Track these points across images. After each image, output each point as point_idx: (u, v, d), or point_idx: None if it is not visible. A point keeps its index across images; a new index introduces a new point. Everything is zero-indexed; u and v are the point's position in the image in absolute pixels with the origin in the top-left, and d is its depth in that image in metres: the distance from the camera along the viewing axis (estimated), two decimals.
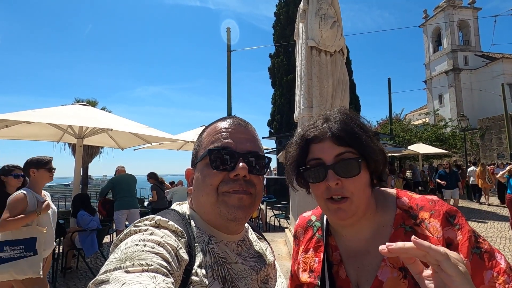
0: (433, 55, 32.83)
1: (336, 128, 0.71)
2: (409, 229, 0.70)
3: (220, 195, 0.67)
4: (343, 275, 0.75)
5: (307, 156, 0.75)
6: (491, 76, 27.21)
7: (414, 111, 37.02)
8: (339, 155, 0.70)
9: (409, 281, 0.65)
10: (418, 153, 14.20)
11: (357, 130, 0.72)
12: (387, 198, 0.78)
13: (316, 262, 0.80)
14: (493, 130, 22.23)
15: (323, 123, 0.74)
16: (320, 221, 0.86)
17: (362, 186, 0.71)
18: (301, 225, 0.92)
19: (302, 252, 0.86)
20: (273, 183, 13.00)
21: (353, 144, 0.70)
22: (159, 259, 0.51)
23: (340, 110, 0.78)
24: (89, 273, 4.73)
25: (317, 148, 0.73)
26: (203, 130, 0.79)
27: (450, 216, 0.68)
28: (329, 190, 0.70)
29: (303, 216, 0.95)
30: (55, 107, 5.32)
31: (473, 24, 30.72)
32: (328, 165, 0.70)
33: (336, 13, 4.76)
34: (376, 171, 0.74)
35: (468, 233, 0.65)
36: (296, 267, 0.87)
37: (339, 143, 0.70)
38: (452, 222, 0.67)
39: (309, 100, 4.67)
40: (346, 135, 0.70)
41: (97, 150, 14.89)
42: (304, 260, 0.84)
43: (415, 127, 21.60)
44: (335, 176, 0.69)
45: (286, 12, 16.65)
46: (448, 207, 0.70)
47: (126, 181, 5.97)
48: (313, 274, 0.79)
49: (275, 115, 16.83)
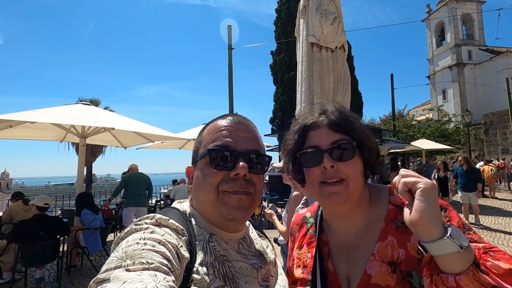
0: (437, 50, 32.55)
1: (333, 115, 0.75)
2: (400, 224, 0.70)
3: (220, 194, 0.68)
4: (331, 269, 0.76)
5: (304, 144, 0.77)
6: (496, 70, 26.94)
7: (417, 107, 36.78)
8: (335, 142, 0.72)
9: (397, 275, 0.66)
10: (422, 149, 14.13)
11: (352, 120, 0.76)
12: (380, 193, 0.79)
13: (308, 257, 0.81)
14: (497, 125, 22.02)
15: (321, 113, 0.78)
16: (315, 217, 0.88)
17: (357, 172, 0.72)
18: (296, 222, 0.94)
19: (297, 249, 0.87)
20: (275, 181, 13.01)
21: (348, 131, 0.73)
22: (160, 258, 0.51)
23: (335, 103, 0.82)
24: (93, 270, 4.78)
25: (313, 135, 0.76)
26: (204, 127, 0.79)
27: (440, 209, 0.67)
28: (324, 173, 0.71)
29: (298, 213, 0.97)
30: (58, 106, 5.35)
31: (477, 18, 30.38)
32: (324, 149, 0.72)
33: (337, 9, 4.73)
34: (369, 160, 0.76)
35: (458, 225, 0.66)
36: (291, 263, 0.88)
37: (335, 130, 0.73)
38: (442, 215, 0.66)
39: (310, 97, 4.65)
40: (342, 123, 0.74)
41: (101, 149, 14.95)
42: (298, 256, 0.85)
43: (418, 123, 21.48)
44: (330, 159, 0.71)
45: (288, 8, 16.54)
46: (439, 202, 0.70)
47: (137, 180, 6.13)
48: (306, 270, 0.80)
49: (277, 113, 16.79)
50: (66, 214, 6.92)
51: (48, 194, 6.78)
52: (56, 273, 4.46)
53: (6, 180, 48.99)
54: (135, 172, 6.38)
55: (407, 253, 0.67)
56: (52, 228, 4.18)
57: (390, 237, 0.70)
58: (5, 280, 4.30)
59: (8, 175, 51.81)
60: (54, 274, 4.65)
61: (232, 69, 10.85)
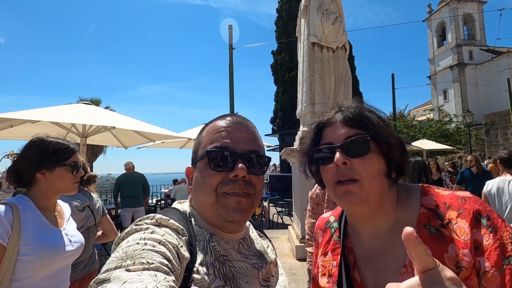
0: (438, 50, 32.49)
1: (347, 111, 0.71)
2: (434, 231, 0.63)
3: (219, 196, 0.67)
4: (358, 280, 0.71)
5: (319, 142, 0.74)
6: (497, 70, 26.88)
7: (418, 107, 36.73)
8: (348, 137, 0.68)
9: None
10: (422, 149, 14.10)
11: (369, 114, 0.71)
12: (410, 194, 0.72)
13: (334, 265, 0.77)
14: (498, 126, 21.95)
15: (337, 110, 0.74)
16: (338, 222, 0.83)
17: (374, 171, 0.66)
18: (320, 227, 0.89)
19: (321, 255, 0.83)
20: (276, 180, 13.01)
21: (363, 126, 0.69)
22: (160, 258, 0.51)
23: (353, 99, 0.78)
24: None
25: (328, 131, 0.73)
26: (203, 128, 0.78)
27: (482, 216, 0.60)
28: (337, 171, 0.68)
29: (322, 217, 0.92)
30: (58, 106, 5.36)
31: (478, 18, 30.32)
32: (336, 145, 0.68)
33: (338, 9, 4.73)
34: (392, 157, 0.69)
35: (502, 238, 0.56)
36: (316, 271, 0.84)
37: (349, 125, 0.70)
38: (483, 223, 0.59)
39: (312, 97, 4.65)
40: (356, 117, 0.70)
41: (102, 149, 14.96)
42: (323, 264, 0.81)
43: (419, 123, 21.44)
44: (342, 155, 0.66)
45: (289, 8, 16.54)
46: (481, 206, 0.62)
47: (131, 180, 6.08)
48: (331, 279, 0.76)
49: (278, 112, 16.80)
50: None
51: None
52: None
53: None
54: (128, 172, 6.28)
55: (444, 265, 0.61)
56: None
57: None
58: None
59: None
60: None
61: (233, 69, 10.85)
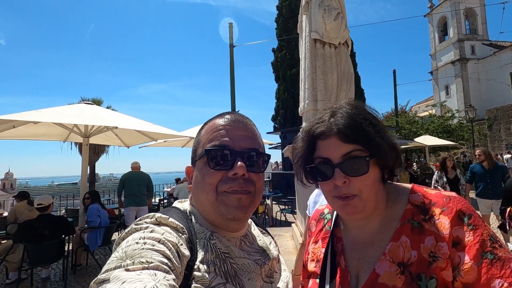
0: (439, 45, 32.26)
1: (342, 124, 0.68)
2: (416, 224, 0.68)
3: (219, 195, 0.67)
4: (342, 265, 0.76)
5: (314, 152, 0.73)
6: (499, 65, 26.65)
7: (420, 103, 36.55)
8: (346, 154, 0.67)
9: (406, 277, 0.64)
10: (425, 145, 14.05)
11: (365, 126, 0.68)
12: (400, 193, 0.76)
13: (322, 252, 0.82)
14: (501, 121, 21.85)
15: (330, 118, 0.71)
16: (332, 213, 0.88)
17: (371, 183, 0.69)
18: (314, 217, 0.95)
19: (312, 243, 0.89)
20: (278, 178, 13.01)
21: (360, 141, 0.67)
22: (160, 256, 0.51)
23: (348, 102, 0.75)
24: (98, 269, 4.81)
25: (323, 145, 0.71)
26: (202, 127, 0.78)
27: (464, 214, 0.64)
28: (336, 188, 0.69)
29: (318, 209, 0.97)
30: (60, 106, 5.37)
31: (480, 12, 30.05)
32: (335, 164, 0.68)
33: (340, 4, 4.69)
34: (387, 167, 0.73)
35: (482, 236, 0.61)
36: (306, 257, 0.89)
37: (345, 141, 0.68)
38: (465, 222, 0.63)
39: (314, 94, 4.62)
40: (353, 132, 0.67)
41: (104, 149, 15.02)
42: (313, 251, 0.86)
43: (421, 119, 21.34)
44: (342, 175, 0.67)
45: (289, 5, 16.46)
46: (464, 206, 0.65)
47: (135, 179, 6.12)
48: (318, 264, 0.81)
49: (279, 110, 16.76)
50: (70, 214, 6.97)
51: (51, 193, 6.82)
52: (61, 272, 4.50)
53: (10, 180, 49.55)
54: (133, 171, 6.31)
55: (419, 255, 0.65)
56: (57, 228, 4.22)
57: (404, 238, 0.68)
58: (12, 280, 4.35)
59: (12, 175, 52.37)
60: (60, 273, 4.69)
61: (233, 67, 10.84)
